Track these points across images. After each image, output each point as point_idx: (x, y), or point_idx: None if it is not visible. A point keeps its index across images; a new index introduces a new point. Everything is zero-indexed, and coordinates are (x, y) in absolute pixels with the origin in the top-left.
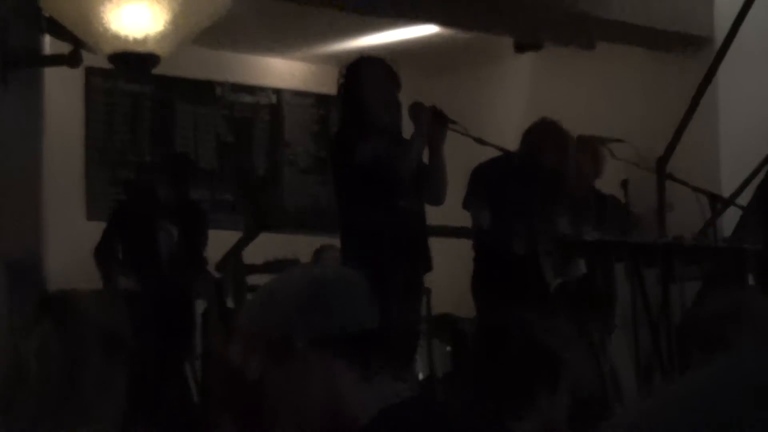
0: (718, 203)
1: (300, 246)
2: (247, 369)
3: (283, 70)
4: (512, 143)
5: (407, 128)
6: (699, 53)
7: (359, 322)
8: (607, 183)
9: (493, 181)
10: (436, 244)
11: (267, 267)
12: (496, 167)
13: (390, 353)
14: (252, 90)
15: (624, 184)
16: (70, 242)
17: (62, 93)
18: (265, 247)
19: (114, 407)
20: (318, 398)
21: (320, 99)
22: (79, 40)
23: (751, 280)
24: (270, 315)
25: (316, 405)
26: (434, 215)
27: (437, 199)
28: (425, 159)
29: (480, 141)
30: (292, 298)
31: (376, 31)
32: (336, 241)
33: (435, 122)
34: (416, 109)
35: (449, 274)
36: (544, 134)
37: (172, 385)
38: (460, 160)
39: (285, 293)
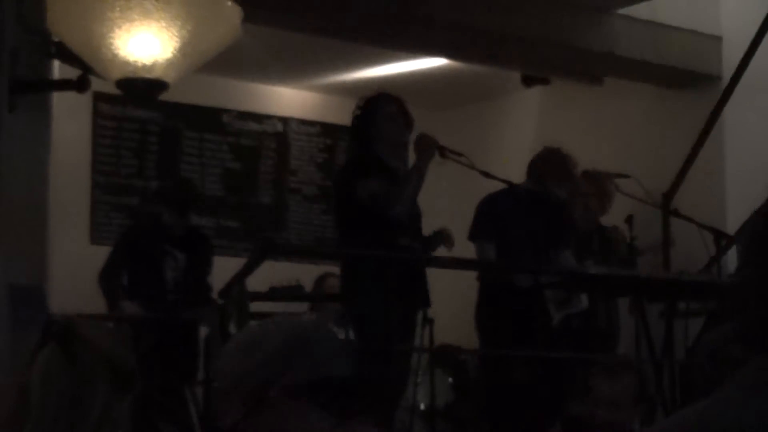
0: (722, 240)
1: (303, 274)
2: (223, 415)
3: (290, 99)
4: (519, 177)
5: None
6: (706, 90)
7: (333, 371)
8: (613, 218)
9: (498, 213)
10: (440, 274)
11: (271, 294)
12: (502, 200)
13: (366, 399)
14: (259, 118)
15: (629, 219)
16: (73, 266)
17: (70, 118)
18: (269, 274)
19: None
20: None
21: (326, 128)
22: (87, 66)
23: None
24: (246, 364)
25: None
26: (439, 249)
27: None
28: None
29: (486, 174)
30: (269, 349)
31: (384, 62)
32: (336, 269)
33: (442, 156)
34: (421, 143)
35: (452, 305)
36: (549, 161)
37: (173, 410)
38: (465, 192)
39: (261, 343)
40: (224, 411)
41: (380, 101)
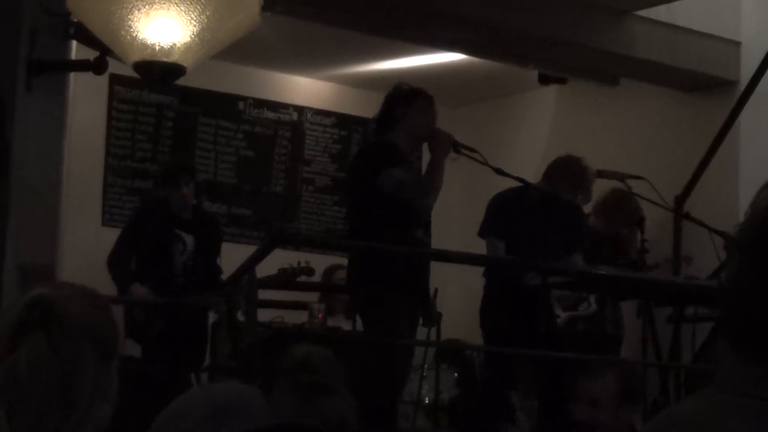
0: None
1: (312, 265)
2: None
3: (306, 89)
4: (533, 175)
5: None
6: (723, 95)
7: (255, 422)
8: None
9: (510, 211)
10: (449, 269)
11: (281, 276)
12: (514, 198)
13: None
14: (274, 107)
15: (641, 221)
16: (85, 248)
17: (86, 100)
18: (279, 263)
19: (108, 406)
20: None
21: (342, 119)
22: (105, 47)
23: None
24: (172, 428)
25: None
26: (448, 242)
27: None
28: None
29: (499, 171)
30: (193, 412)
31: (401, 56)
32: (346, 261)
33: (456, 152)
34: (438, 138)
35: (460, 300)
36: (568, 168)
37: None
38: (478, 189)
39: (186, 408)
40: None
41: (417, 94)
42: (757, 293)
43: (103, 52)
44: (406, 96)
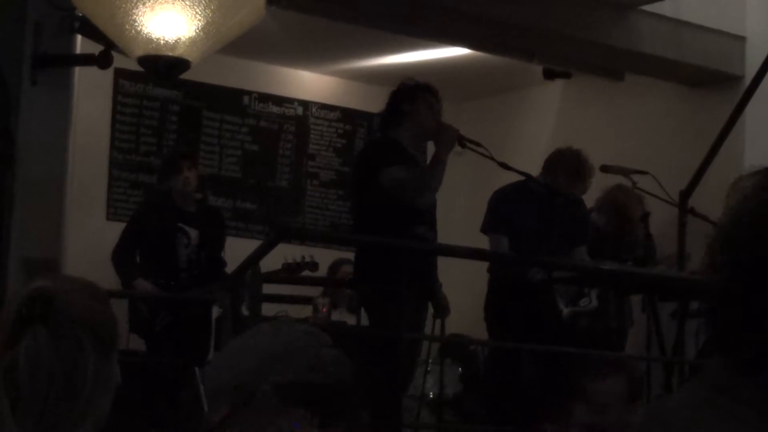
0: None
1: (317, 259)
2: (209, 417)
3: (311, 83)
4: (537, 170)
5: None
6: (728, 90)
7: (320, 376)
8: None
9: (512, 206)
10: (453, 264)
11: (285, 271)
12: (516, 193)
13: (350, 407)
14: (279, 101)
15: (645, 216)
16: (89, 242)
17: (91, 94)
18: (283, 257)
19: (109, 398)
20: None
21: (346, 114)
22: (110, 41)
23: None
24: (236, 364)
25: None
26: (452, 237)
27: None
28: None
29: (503, 165)
30: (258, 350)
31: (406, 50)
32: (351, 255)
33: (462, 146)
34: (442, 132)
35: (464, 296)
36: (566, 160)
37: (183, 390)
38: (482, 183)
39: (252, 345)
40: (211, 412)
41: (423, 89)
42: (742, 294)
43: (108, 47)
44: (412, 91)
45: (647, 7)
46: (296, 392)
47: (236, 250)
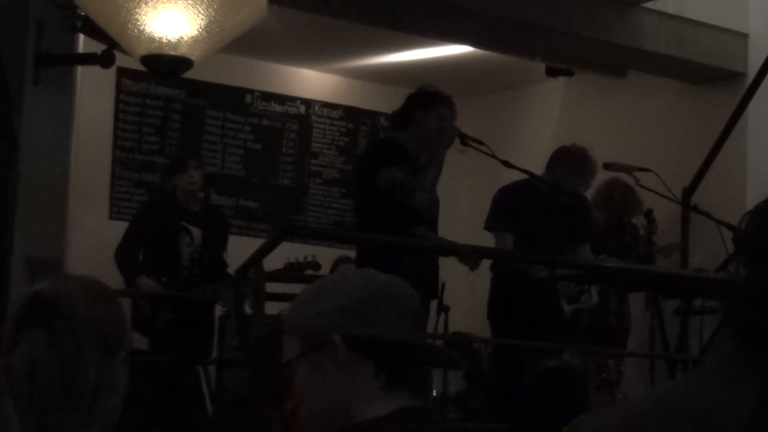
0: None
1: (319, 257)
2: (286, 350)
3: (313, 82)
4: (540, 167)
5: None
6: (730, 87)
7: (396, 332)
8: None
9: (516, 204)
10: (456, 262)
11: (287, 271)
12: (520, 190)
13: (418, 372)
14: (282, 100)
15: (648, 213)
16: (92, 241)
17: (93, 93)
18: (286, 256)
19: (116, 398)
20: (338, 395)
21: (349, 112)
22: (112, 40)
23: None
24: (316, 306)
25: (335, 401)
26: (455, 235)
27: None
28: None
29: (506, 163)
30: (341, 297)
31: (409, 48)
32: (353, 254)
33: (463, 144)
34: (446, 134)
35: (467, 294)
36: (570, 158)
37: (186, 389)
38: (485, 182)
39: (336, 290)
40: (285, 346)
41: (439, 99)
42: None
43: (111, 46)
44: (427, 99)
45: (650, 4)
46: (369, 347)
47: (239, 248)
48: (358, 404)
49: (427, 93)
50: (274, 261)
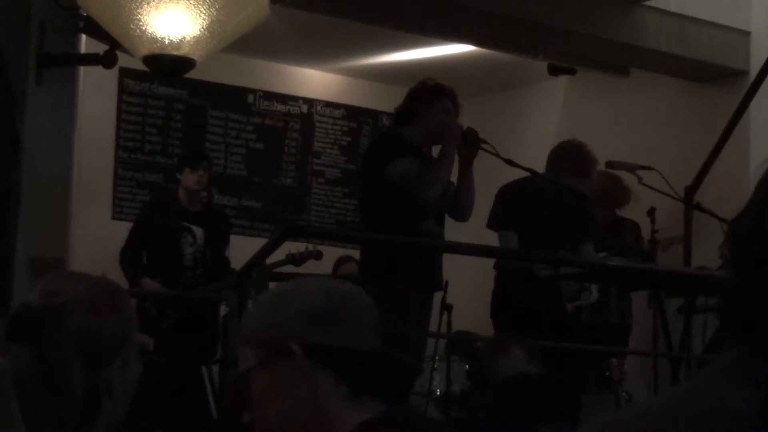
0: None
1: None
2: (242, 360)
3: (316, 81)
4: (543, 166)
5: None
6: (733, 85)
7: (358, 341)
8: (635, 210)
9: (519, 202)
10: (459, 261)
11: (290, 261)
12: (522, 188)
13: (383, 380)
14: (284, 99)
15: (651, 211)
16: (95, 241)
17: (96, 94)
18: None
19: (115, 402)
20: (299, 406)
21: (351, 111)
22: (114, 41)
23: None
24: (275, 314)
25: (295, 412)
26: (458, 233)
27: (464, 217)
28: (453, 177)
29: (509, 162)
30: (299, 304)
31: (410, 48)
32: (355, 253)
33: (467, 142)
34: (451, 128)
35: (470, 292)
36: (569, 154)
37: (189, 389)
38: (488, 180)
39: (294, 297)
40: (241, 356)
41: (441, 93)
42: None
43: (113, 46)
44: (430, 93)
45: (652, 3)
46: (333, 354)
47: (242, 248)
48: (321, 416)
49: (429, 87)
50: (276, 258)
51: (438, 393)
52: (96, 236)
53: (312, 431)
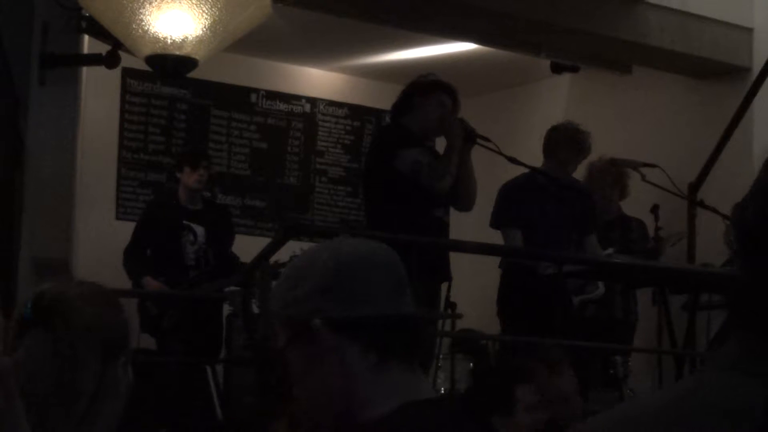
0: None
1: None
2: (276, 338)
3: (318, 80)
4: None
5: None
6: (735, 82)
7: (377, 306)
8: (638, 207)
9: (522, 199)
10: (463, 259)
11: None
12: (525, 185)
13: (410, 344)
14: (287, 98)
15: (655, 209)
16: (99, 241)
17: (99, 94)
18: (293, 252)
19: (115, 403)
20: (331, 380)
21: (354, 110)
22: (117, 41)
23: None
24: (293, 292)
25: (329, 386)
26: (462, 231)
27: (467, 206)
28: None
29: (512, 160)
30: (315, 279)
31: (413, 46)
32: None
33: (463, 136)
34: (450, 123)
35: (474, 290)
36: (561, 135)
37: (194, 389)
38: (491, 178)
39: (309, 272)
40: (275, 335)
41: (439, 87)
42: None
43: (115, 46)
44: (427, 87)
45: (654, 0)
46: (353, 326)
47: (245, 247)
48: (353, 387)
49: (427, 81)
50: (280, 259)
51: (442, 391)
52: (99, 236)
53: (346, 402)
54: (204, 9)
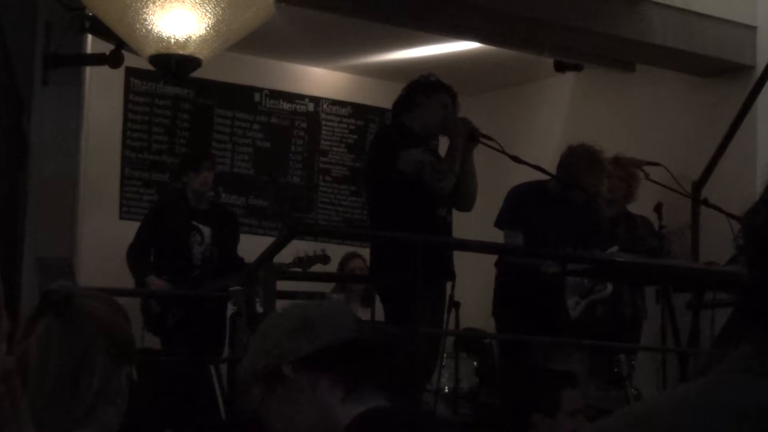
0: None
1: (329, 254)
2: (249, 397)
3: (322, 79)
4: (549, 162)
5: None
6: (739, 80)
7: (339, 336)
8: (642, 206)
9: (529, 204)
10: (466, 258)
11: (297, 264)
12: (534, 191)
13: (381, 370)
14: (290, 98)
15: (658, 207)
16: (102, 241)
17: (102, 94)
18: (296, 253)
19: (115, 411)
20: (309, 417)
21: (358, 109)
22: (121, 41)
23: None
24: (261, 345)
25: (309, 421)
26: (465, 230)
27: (467, 206)
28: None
29: (515, 159)
30: (280, 328)
31: (417, 45)
32: (361, 250)
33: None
34: (454, 123)
35: (478, 289)
36: (580, 157)
37: (197, 389)
38: (494, 177)
39: (274, 325)
40: (248, 394)
41: (441, 88)
42: None
43: (119, 46)
44: (429, 86)
45: None
46: (319, 359)
47: (249, 247)
48: (331, 417)
49: (430, 81)
50: (283, 257)
51: (446, 390)
52: (103, 236)
53: None
54: (207, 8)
